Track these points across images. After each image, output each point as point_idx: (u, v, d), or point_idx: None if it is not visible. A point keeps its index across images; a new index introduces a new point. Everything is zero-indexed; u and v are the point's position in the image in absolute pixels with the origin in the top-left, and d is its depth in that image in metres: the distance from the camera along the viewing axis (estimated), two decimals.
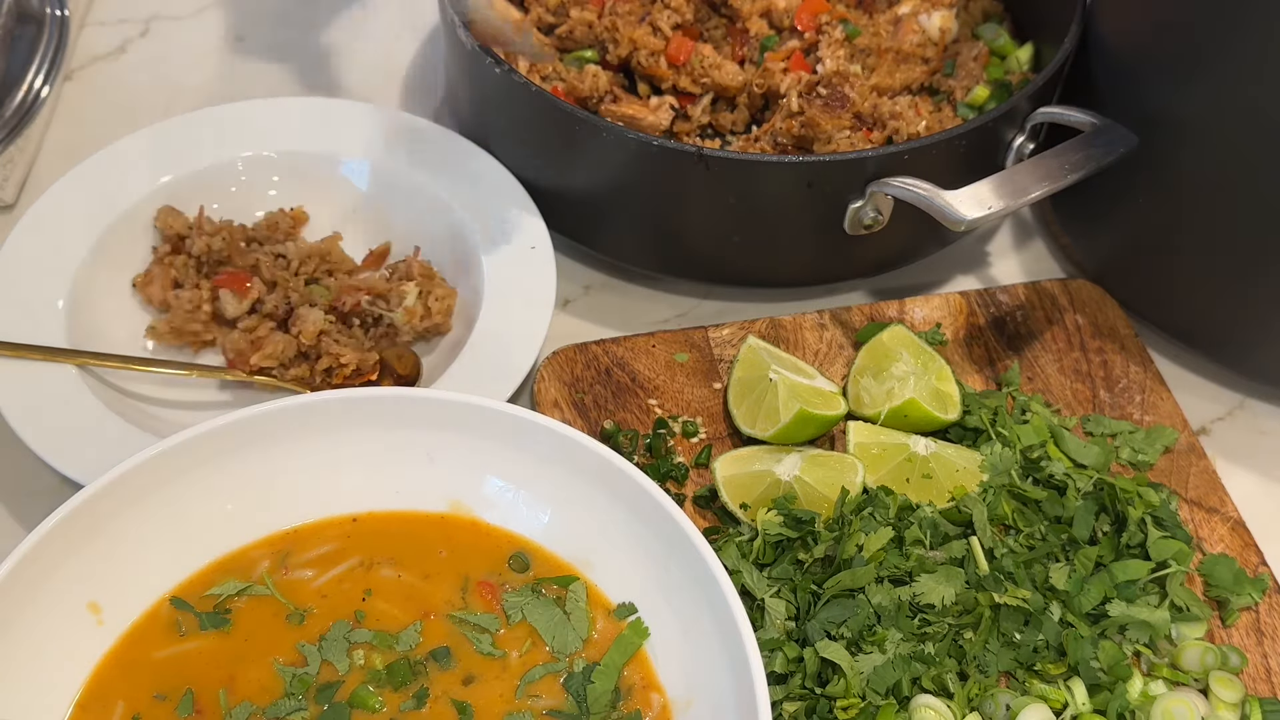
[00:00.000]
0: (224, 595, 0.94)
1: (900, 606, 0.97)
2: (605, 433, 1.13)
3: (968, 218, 1.07)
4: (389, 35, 1.56)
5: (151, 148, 1.26)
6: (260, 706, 0.89)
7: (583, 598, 0.95)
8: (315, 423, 0.97)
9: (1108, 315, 1.27)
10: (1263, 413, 1.25)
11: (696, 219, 1.19)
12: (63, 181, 1.22)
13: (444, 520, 1.00)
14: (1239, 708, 0.98)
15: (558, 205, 1.25)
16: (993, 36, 1.38)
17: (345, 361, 1.13)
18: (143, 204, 1.23)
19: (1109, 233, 1.27)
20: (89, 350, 1.11)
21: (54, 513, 0.87)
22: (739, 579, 0.99)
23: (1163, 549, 1.03)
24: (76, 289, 1.16)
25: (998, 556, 1.02)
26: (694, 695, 0.90)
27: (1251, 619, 1.05)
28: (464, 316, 1.21)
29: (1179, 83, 1.11)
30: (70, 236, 1.18)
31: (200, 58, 1.52)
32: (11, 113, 1.37)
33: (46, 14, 1.45)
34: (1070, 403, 1.20)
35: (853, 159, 1.12)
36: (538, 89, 1.15)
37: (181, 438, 0.93)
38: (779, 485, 1.06)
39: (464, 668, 0.92)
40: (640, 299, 1.31)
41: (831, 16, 1.33)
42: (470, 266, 1.22)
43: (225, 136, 1.28)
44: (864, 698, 0.93)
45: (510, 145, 1.26)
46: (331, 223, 1.27)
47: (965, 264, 1.37)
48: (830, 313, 1.24)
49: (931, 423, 1.12)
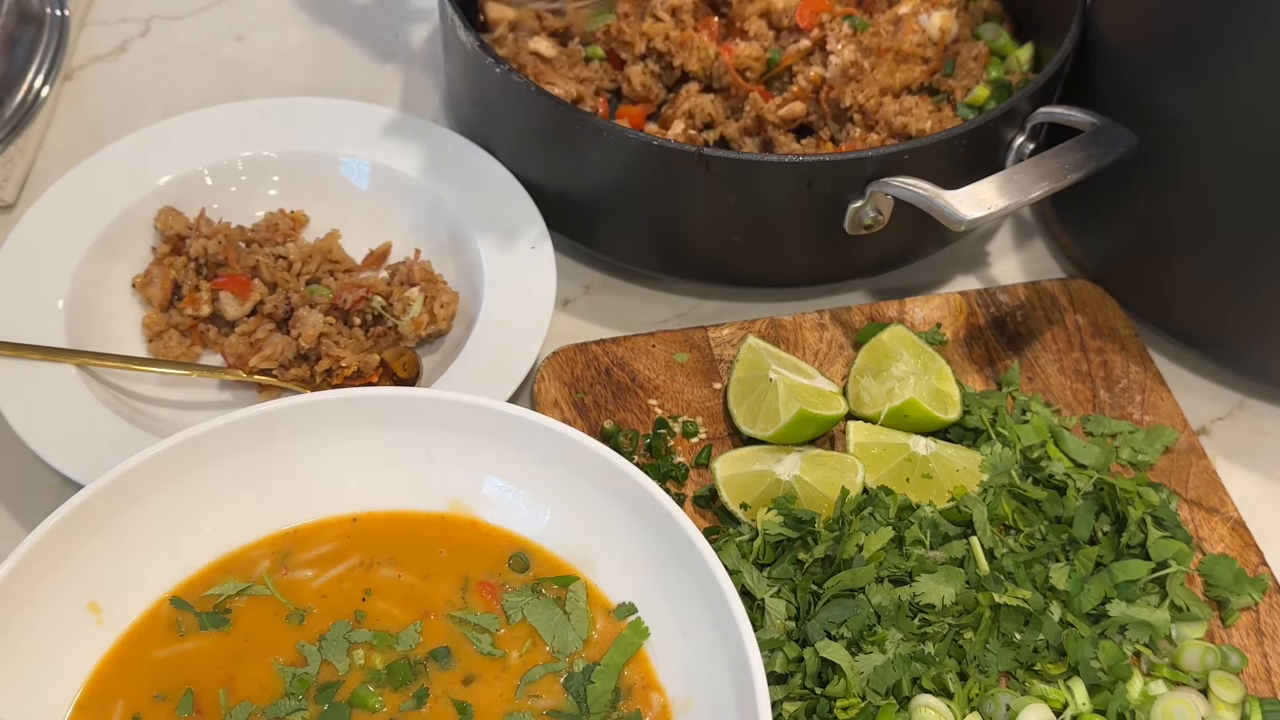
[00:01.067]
0: (224, 595, 0.94)
1: (900, 606, 0.97)
2: (605, 433, 1.13)
3: (968, 218, 1.07)
4: (389, 35, 1.56)
5: (151, 147, 1.26)
6: (260, 706, 0.89)
7: (583, 598, 0.95)
8: (315, 423, 0.97)
9: (1108, 315, 1.27)
10: (1263, 413, 1.25)
11: (696, 219, 1.19)
12: (63, 181, 1.22)
13: (444, 520, 1.00)
14: (1239, 708, 0.98)
15: (558, 205, 1.25)
16: (993, 36, 1.38)
17: (346, 364, 1.13)
18: (143, 204, 1.22)
19: (1109, 233, 1.27)
20: (89, 350, 1.11)
21: (54, 513, 0.87)
22: (739, 579, 0.99)
23: (1163, 549, 1.03)
24: (76, 289, 1.16)
25: (998, 556, 1.02)
26: (694, 695, 0.90)
27: (1251, 619, 1.05)
28: (464, 317, 1.21)
29: (1179, 83, 1.11)
30: (71, 236, 1.18)
31: (200, 58, 1.52)
32: (11, 113, 1.37)
33: (46, 14, 1.45)
34: (1070, 403, 1.19)
35: (853, 159, 1.12)
36: (538, 88, 1.15)
37: (181, 438, 0.93)
38: (779, 485, 1.06)
39: (464, 668, 0.92)
40: (640, 299, 1.31)
41: (833, 16, 1.33)
42: (470, 266, 1.22)
43: (225, 136, 1.28)
44: (864, 698, 0.93)
45: (510, 145, 1.26)
46: (331, 223, 1.27)
47: (965, 264, 1.37)
48: (830, 313, 1.24)
49: (931, 423, 1.12)
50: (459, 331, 1.21)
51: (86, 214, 1.20)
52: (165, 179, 1.24)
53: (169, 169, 1.25)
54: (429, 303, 1.18)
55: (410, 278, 1.20)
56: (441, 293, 1.20)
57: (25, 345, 1.08)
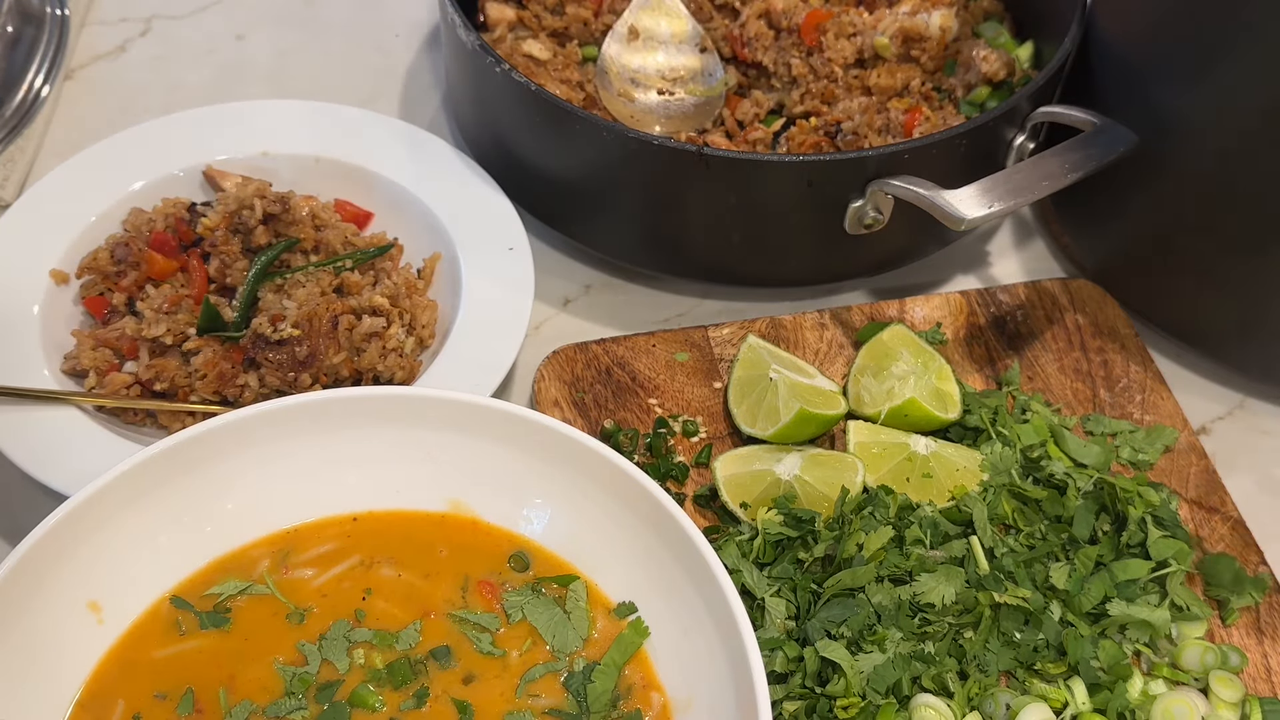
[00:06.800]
0: (224, 594, 0.94)
1: (900, 606, 0.97)
2: (605, 432, 1.13)
3: (968, 217, 1.07)
4: (388, 34, 1.56)
5: (145, 148, 1.26)
6: (260, 706, 0.89)
7: (583, 597, 0.95)
8: (315, 423, 0.97)
9: (1108, 315, 1.27)
10: (1263, 412, 1.25)
11: (696, 218, 1.19)
12: (46, 179, 1.22)
13: (444, 520, 1.00)
14: (1239, 707, 0.98)
15: (558, 205, 1.25)
16: (993, 35, 1.38)
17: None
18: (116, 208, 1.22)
19: (1109, 233, 1.27)
20: (78, 391, 1.10)
21: (54, 512, 0.87)
22: (739, 578, 0.99)
23: (1163, 548, 1.03)
24: (49, 295, 1.15)
25: (998, 556, 1.02)
26: (694, 694, 0.90)
27: (1251, 618, 1.05)
28: (444, 321, 1.20)
29: (1179, 82, 1.11)
30: (49, 239, 1.18)
31: (200, 57, 1.52)
32: (11, 112, 1.37)
33: (47, 13, 1.45)
34: (1070, 402, 1.19)
35: (853, 158, 1.12)
36: (538, 88, 1.15)
37: (181, 437, 0.93)
38: (779, 484, 1.06)
39: (464, 667, 0.92)
40: (640, 299, 1.31)
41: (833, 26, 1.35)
42: (450, 264, 1.22)
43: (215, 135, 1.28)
44: (864, 697, 0.93)
45: (510, 144, 1.26)
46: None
47: (965, 263, 1.37)
48: (830, 312, 1.24)
49: (932, 422, 1.12)
50: (439, 334, 1.20)
51: (67, 214, 1.20)
52: (138, 184, 1.23)
53: (154, 171, 1.24)
54: (415, 330, 1.17)
55: (394, 299, 1.17)
56: (422, 311, 1.18)
57: (19, 390, 1.06)
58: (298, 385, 1.10)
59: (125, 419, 1.11)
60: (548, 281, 1.29)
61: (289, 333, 1.08)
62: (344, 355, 1.11)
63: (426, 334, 1.18)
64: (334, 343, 1.11)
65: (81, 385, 1.11)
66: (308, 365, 1.09)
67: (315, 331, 1.10)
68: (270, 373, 1.09)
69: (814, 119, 1.30)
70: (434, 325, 1.20)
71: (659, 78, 1.32)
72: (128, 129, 1.27)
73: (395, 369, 1.14)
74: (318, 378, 1.10)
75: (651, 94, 1.31)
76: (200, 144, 1.27)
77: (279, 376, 1.09)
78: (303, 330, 1.09)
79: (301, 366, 1.09)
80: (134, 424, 1.11)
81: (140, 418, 1.11)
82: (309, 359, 1.09)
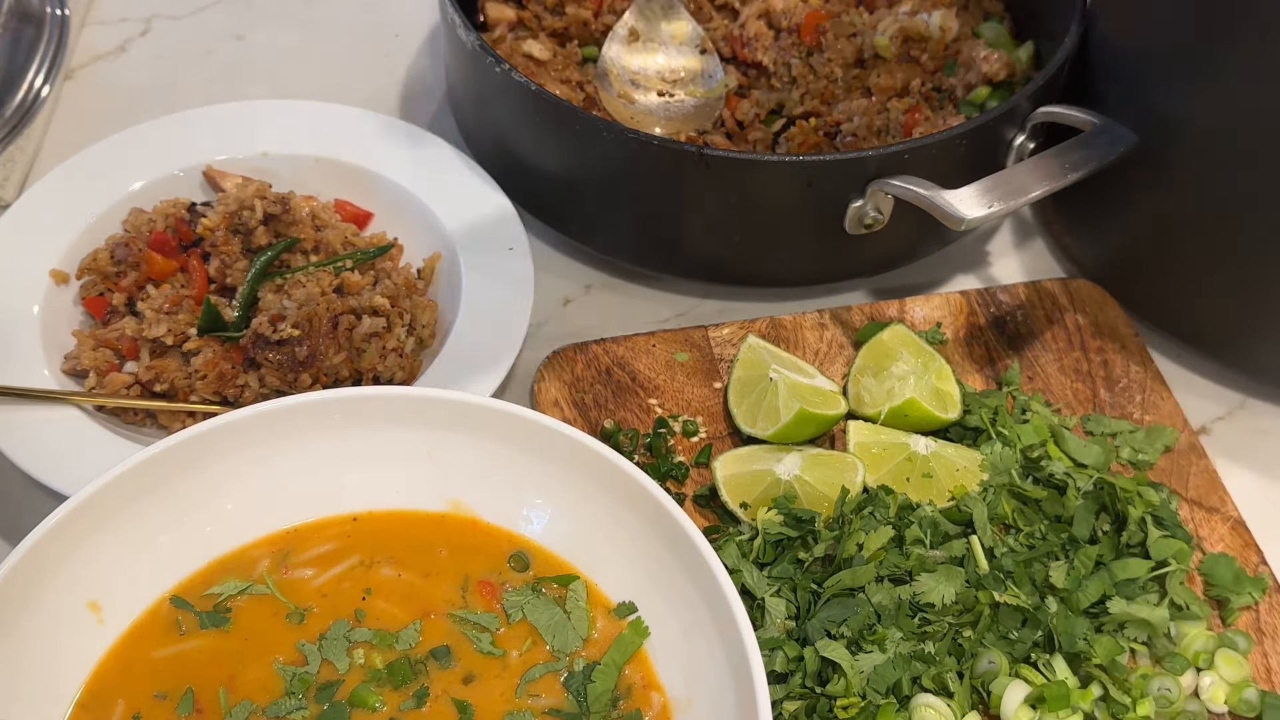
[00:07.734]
0: (224, 594, 0.94)
1: (900, 606, 0.97)
2: (605, 432, 1.13)
3: (968, 217, 1.07)
4: (388, 34, 1.56)
5: (144, 148, 1.26)
6: (260, 706, 0.89)
7: (583, 597, 0.95)
8: (315, 423, 0.97)
9: (1108, 315, 1.27)
10: (1263, 412, 1.25)
11: (696, 218, 1.19)
12: (46, 179, 1.21)
13: (444, 520, 1.00)
14: (1240, 689, 0.98)
15: (558, 205, 1.25)
16: (993, 36, 1.38)
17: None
18: (116, 208, 1.22)
19: (1109, 232, 1.27)
20: (79, 391, 1.10)
21: (54, 512, 0.87)
22: (739, 578, 0.99)
23: (1163, 548, 1.03)
24: (49, 295, 1.15)
25: (998, 556, 1.02)
26: (694, 694, 0.90)
27: (1251, 618, 1.05)
28: (444, 320, 1.20)
29: (1179, 82, 1.11)
30: (49, 239, 1.18)
31: (200, 58, 1.52)
32: (11, 112, 1.37)
33: (47, 13, 1.44)
34: (1070, 402, 1.19)
35: (853, 158, 1.12)
36: (538, 88, 1.15)
37: (181, 437, 0.93)
38: (779, 484, 1.06)
39: (464, 667, 0.92)
40: (640, 299, 1.31)
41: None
42: (450, 264, 1.22)
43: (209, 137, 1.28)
44: (864, 697, 0.93)
45: (510, 144, 1.26)
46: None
47: (965, 264, 1.37)
48: (830, 312, 1.24)
49: (932, 422, 1.12)
50: (439, 334, 1.20)
51: (65, 216, 1.20)
52: (138, 185, 1.23)
53: (153, 172, 1.24)
54: (415, 330, 1.17)
55: (394, 299, 1.17)
56: (422, 311, 1.18)
57: (19, 389, 1.06)
58: (298, 385, 1.10)
59: (125, 419, 1.11)
60: (548, 281, 1.29)
61: (289, 333, 1.09)
62: (344, 355, 1.11)
63: (426, 334, 1.18)
64: (334, 343, 1.11)
65: (81, 385, 1.11)
66: (308, 365, 1.10)
67: (315, 331, 1.10)
68: (270, 373, 1.10)
69: (814, 119, 1.30)
70: (434, 325, 1.20)
71: (659, 79, 1.32)
72: (127, 129, 1.27)
73: (395, 369, 1.14)
74: (318, 378, 1.10)
75: (651, 95, 1.31)
76: (200, 144, 1.27)
77: (279, 376, 1.10)
78: (303, 330, 1.09)
79: (301, 367, 1.09)
80: (134, 424, 1.11)
81: (140, 418, 1.11)
82: (309, 359, 1.09)
